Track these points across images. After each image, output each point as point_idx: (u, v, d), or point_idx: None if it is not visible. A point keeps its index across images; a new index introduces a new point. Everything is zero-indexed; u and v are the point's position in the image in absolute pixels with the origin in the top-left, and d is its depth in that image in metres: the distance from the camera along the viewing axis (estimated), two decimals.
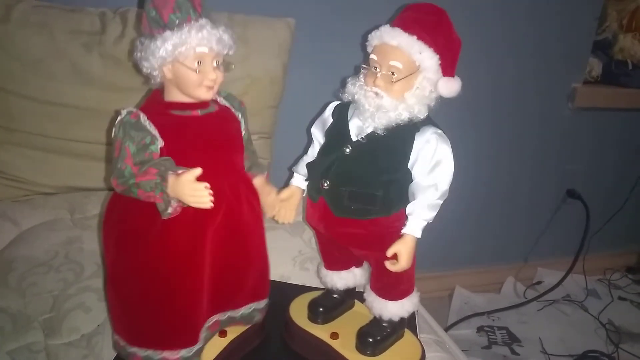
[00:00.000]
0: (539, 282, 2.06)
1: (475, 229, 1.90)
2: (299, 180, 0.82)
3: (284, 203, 0.82)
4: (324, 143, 0.79)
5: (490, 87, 1.64)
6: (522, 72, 1.71)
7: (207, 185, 0.62)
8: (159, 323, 0.69)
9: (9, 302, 0.87)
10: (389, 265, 0.73)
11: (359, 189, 0.73)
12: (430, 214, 0.72)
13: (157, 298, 0.68)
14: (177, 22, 0.64)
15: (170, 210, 0.63)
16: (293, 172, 0.83)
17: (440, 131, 0.72)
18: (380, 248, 0.73)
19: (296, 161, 0.84)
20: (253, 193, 0.76)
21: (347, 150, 0.74)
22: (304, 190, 0.82)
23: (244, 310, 0.79)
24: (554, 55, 1.73)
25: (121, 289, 0.70)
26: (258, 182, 0.79)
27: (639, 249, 2.28)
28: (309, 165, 0.80)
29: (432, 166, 0.71)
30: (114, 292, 0.71)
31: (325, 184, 0.75)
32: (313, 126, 0.82)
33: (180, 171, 0.63)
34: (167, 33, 0.64)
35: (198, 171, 0.62)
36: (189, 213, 0.65)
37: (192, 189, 0.62)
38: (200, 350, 0.73)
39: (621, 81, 1.90)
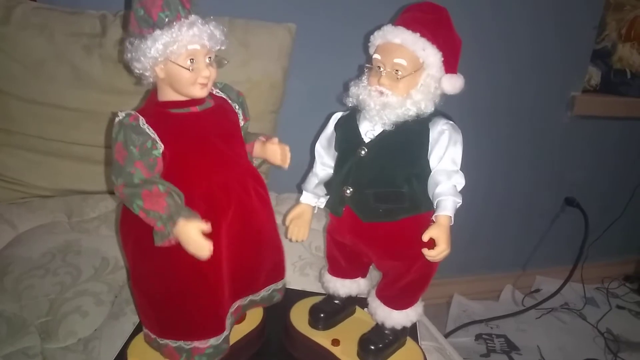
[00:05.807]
0: (537, 290, 2.06)
1: (474, 237, 1.90)
2: (308, 198, 0.82)
3: (296, 221, 0.82)
4: (338, 155, 0.78)
5: (489, 95, 1.65)
6: (522, 80, 1.72)
7: (211, 244, 0.63)
8: (185, 318, 0.70)
9: (5, 305, 0.86)
10: (426, 252, 0.68)
11: (383, 189, 0.72)
12: (459, 198, 0.69)
13: (180, 295, 0.69)
14: (166, 20, 0.63)
15: (164, 242, 0.64)
16: (302, 190, 0.83)
17: (452, 122, 0.72)
18: (412, 256, 0.72)
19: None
20: (260, 182, 0.76)
21: (363, 152, 0.73)
22: (314, 207, 0.82)
23: (264, 292, 0.80)
24: (553, 63, 1.74)
25: (145, 288, 0.71)
26: (258, 145, 0.78)
27: (637, 257, 2.28)
28: (326, 184, 0.80)
29: (451, 154, 0.70)
30: (138, 290, 0.72)
31: (348, 191, 0.74)
32: (317, 143, 0.81)
33: (189, 214, 0.63)
34: (157, 32, 0.63)
35: (207, 227, 0.63)
36: (202, 211, 0.66)
37: (196, 241, 0.63)
38: (228, 336, 0.74)
39: (620, 90, 1.91)
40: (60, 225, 1.09)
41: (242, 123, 0.77)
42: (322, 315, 0.84)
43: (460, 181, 0.70)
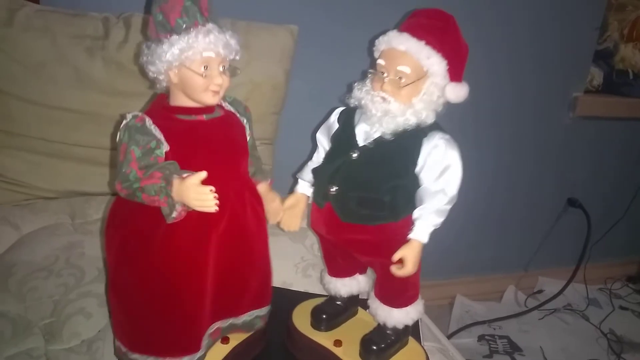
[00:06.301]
0: (540, 291, 2.06)
1: (476, 237, 1.90)
2: (304, 187, 0.81)
3: (289, 211, 0.81)
4: (330, 148, 0.78)
5: (491, 96, 1.65)
6: (524, 81, 1.72)
7: (213, 188, 0.61)
8: (161, 329, 0.69)
9: (9, 306, 0.86)
10: (394, 270, 0.72)
11: (366, 194, 0.72)
12: (438, 219, 0.71)
13: (159, 304, 0.68)
14: (184, 26, 0.64)
15: (174, 214, 0.63)
16: (297, 179, 0.82)
17: (448, 136, 0.72)
18: (387, 254, 0.72)
19: (300, 167, 0.83)
20: (257, 199, 0.76)
21: (354, 155, 0.73)
22: (309, 197, 0.81)
23: (246, 317, 0.78)
24: (555, 64, 1.74)
25: (123, 294, 0.69)
26: (262, 189, 0.78)
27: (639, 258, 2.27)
28: (314, 171, 0.79)
29: (441, 171, 0.70)
30: (115, 297, 0.71)
31: (333, 190, 0.74)
32: (318, 132, 0.81)
33: (185, 175, 0.62)
34: (174, 37, 0.64)
35: (203, 174, 0.62)
36: (193, 218, 0.65)
37: (197, 193, 0.61)
38: (203, 357, 0.73)
39: (622, 90, 1.91)
40: (64, 227, 1.09)
41: (247, 138, 0.77)
42: (324, 316, 0.84)
43: (443, 201, 0.70)
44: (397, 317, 0.78)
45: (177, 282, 0.67)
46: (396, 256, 0.71)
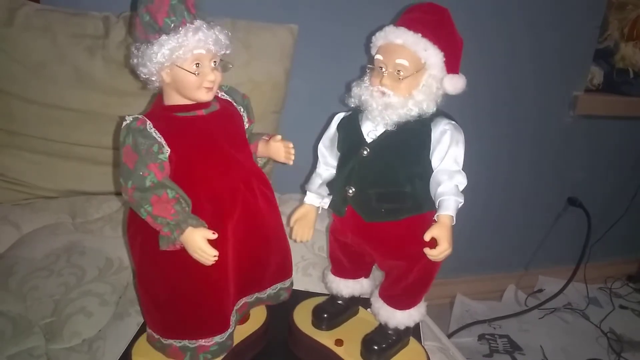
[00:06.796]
0: (540, 290, 2.06)
1: (477, 236, 1.90)
2: (312, 198, 0.82)
3: (300, 221, 0.82)
4: (341, 155, 0.78)
5: (491, 95, 1.65)
6: (524, 80, 1.72)
7: (216, 252, 0.66)
8: (189, 317, 0.71)
9: (10, 306, 0.87)
10: (427, 251, 0.69)
11: (385, 189, 0.72)
12: (461, 197, 0.69)
13: (185, 295, 0.70)
14: (172, 25, 0.64)
15: (169, 247, 0.65)
16: (305, 191, 0.83)
17: (453, 122, 0.72)
18: (413, 253, 0.72)
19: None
20: (265, 183, 0.77)
21: (365, 152, 0.73)
22: (318, 207, 0.82)
23: (270, 290, 0.81)
24: (555, 63, 1.73)
25: (150, 288, 0.72)
26: (262, 143, 0.78)
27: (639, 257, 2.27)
28: (329, 183, 0.80)
29: (452, 154, 0.70)
30: (143, 290, 0.73)
31: (350, 191, 0.74)
32: (320, 143, 0.82)
33: (196, 223, 0.65)
34: (163, 37, 0.64)
35: (213, 235, 0.65)
36: (208, 212, 0.67)
37: (202, 249, 0.65)
38: (232, 333, 0.75)
39: (622, 89, 1.90)
40: (64, 226, 1.09)
41: (247, 125, 0.77)
42: (325, 315, 0.84)
43: (462, 181, 0.70)
44: (400, 318, 0.79)
45: (200, 275, 0.68)
46: (427, 235, 0.68)
